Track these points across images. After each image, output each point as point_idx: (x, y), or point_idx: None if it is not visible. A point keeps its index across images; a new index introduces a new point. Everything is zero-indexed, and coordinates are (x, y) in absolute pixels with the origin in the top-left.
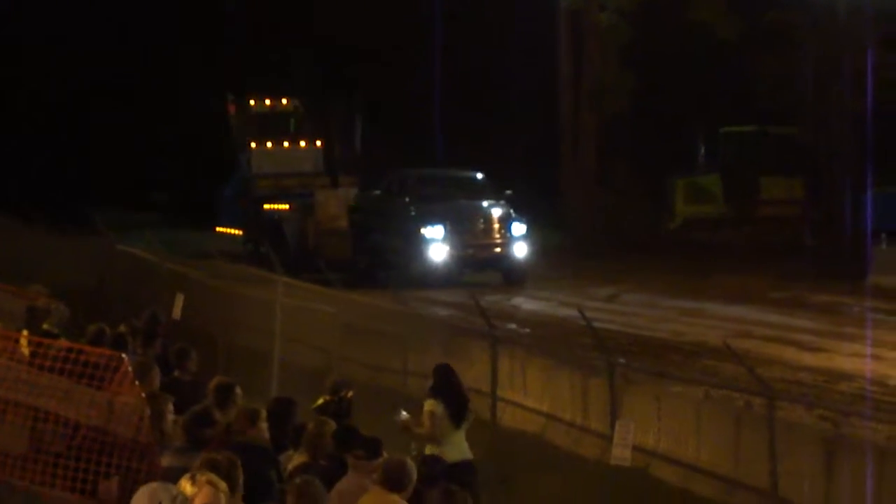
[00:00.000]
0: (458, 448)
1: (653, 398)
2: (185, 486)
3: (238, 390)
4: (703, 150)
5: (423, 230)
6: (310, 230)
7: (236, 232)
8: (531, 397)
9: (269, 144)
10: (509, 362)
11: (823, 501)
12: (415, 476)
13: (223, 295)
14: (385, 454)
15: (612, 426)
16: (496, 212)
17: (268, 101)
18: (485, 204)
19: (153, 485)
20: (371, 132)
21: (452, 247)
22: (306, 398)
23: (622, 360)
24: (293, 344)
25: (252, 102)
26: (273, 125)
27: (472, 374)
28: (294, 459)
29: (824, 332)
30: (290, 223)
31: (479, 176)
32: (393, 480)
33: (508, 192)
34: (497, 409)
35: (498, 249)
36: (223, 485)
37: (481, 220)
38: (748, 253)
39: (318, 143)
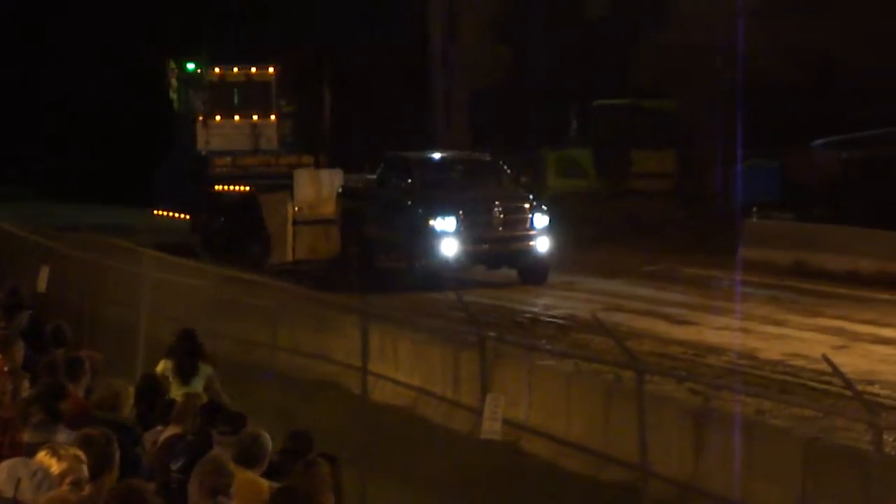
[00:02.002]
0: None
1: (523, 372)
2: (45, 459)
3: (87, 364)
4: (575, 124)
5: (431, 222)
6: (284, 217)
7: (180, 216)
8: (402, 371)
9: (218, 118)
10: (380, 337)
11: (692, 474)
12: (269, 449)
13: (90, 267)
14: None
15: (483, 400)
16: (515, 200)
17: (217, 70)
18: (502, 191)
19: (12, 460)
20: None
21: (465, 241)
22: None
23: (493, 334)
24: (160, 318)
25: (199, 70)
26: (226, 96)
27: (344, 349)
28: (164, 434)
29: (695, 305)
30: (267, 208)
31: (489, 158)
32: (245, 455)
33: (523, 179)
34: (368, 384)
35: (518, 244)
36: (84, 457)
37: (499, 210)
38: (620, 227)
39: (273, 117)
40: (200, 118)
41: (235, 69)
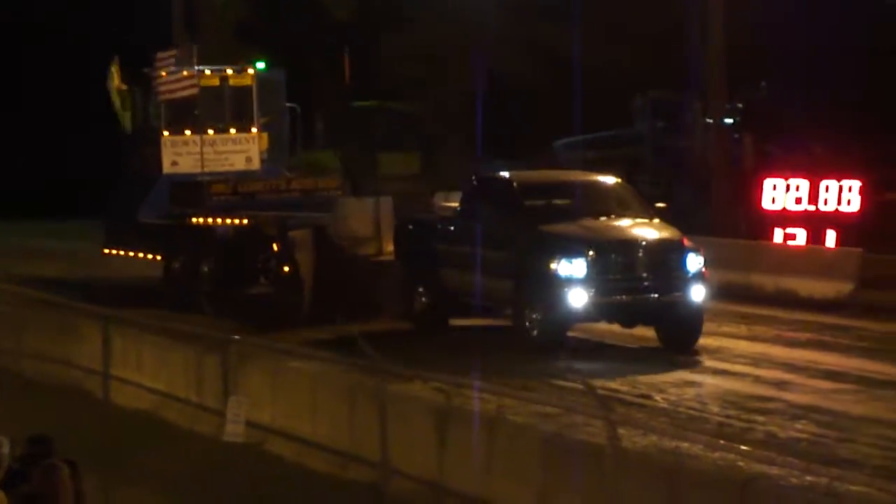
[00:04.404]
0: None
1: (268, 374)
2: None
3: None
4: (321, 126)
5: (553, 265)
6: (321, 258)
7: (144, 256)
8: (146, 375)
9: (188, 133)
10: (122, 341)
11: (436, 470)
12: (5, 455)
13: None
14: None
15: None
16: (663, 237)
17: (185, 73)
18: (643, 226)
19: None
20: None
21: (598, 291)
22: None
23: (237, 336)
24: None
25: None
26: (202, 106)
27: (86, 353)
28: None
29: None
30: (301, 249)
31: (616, 181)
32: None
33: (661, 204)
34: (111, 388)
35: (665, 295)
36: None
37: (641, 251)
38: None
39: (254, 130)
40: (165, 134)
41: (208, 72)
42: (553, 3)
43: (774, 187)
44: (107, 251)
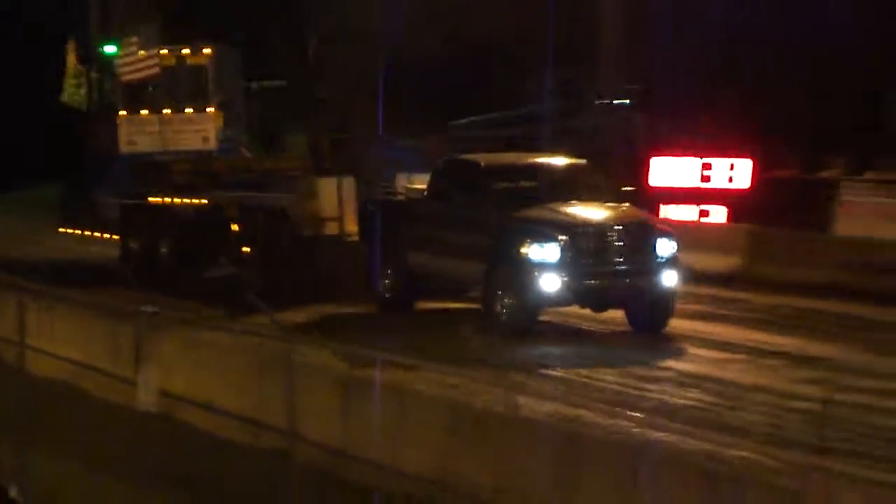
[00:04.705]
0: None
1: (181, 344)
2: None
3: None
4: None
5: (524, 249)
6: (283, 239)
7: (97, 235)
8: (61, 345)
9: (145, 112)
10: (37, 313)
11: (340, 436)
12: None
13: None
14: None
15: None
16: (633, 221)
17: (142, 52)
18: (614, 210)
19: None
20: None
21: (570, 275)
22: None
23: (150, 308)
24: None
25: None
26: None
27: (1, 324)
28: None
29: None
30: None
31: (584, 162)
32: None
33: (629, 188)
34: (26, 358)
35: (637, 279)
36: None
37: (612, 235)
38: None
39: (211, 109)
40: (122, 113)
41: (164, 51)
42: None
43: (663, 165)
44: (62, 230)
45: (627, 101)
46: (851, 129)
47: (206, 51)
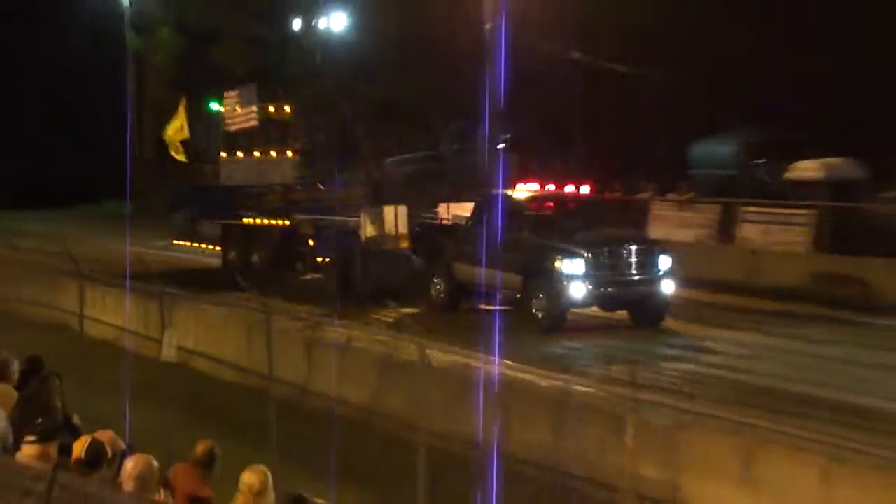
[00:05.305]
0: None
1: (192, 313)
2: None
3: None
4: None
5: (557, 264)
6: (351, 252)
7: (205, 247)
8: (109, 315)
9: (240, 154)
10: (92, 292)
11: (306, 380)
12: (16, 369)
13: None
14: None
15: (163, 334)
16: (640, 242)
17: (238, 108)
18: (624, 233)
19: None
20: None
21: (593, 284)
22: None
23: (171, 290)
24: None
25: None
26: (248, 134)
27: (67, 302)
28: None
29: None
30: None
31: (586, 193)
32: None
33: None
34: (85, 325)
35: (643, 287)
36: None
37: (625, 252)
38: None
39: (290, 153)
40: (223, 155)
41: (259, 107)
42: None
43: (525, 188)
44: (175, 242)
45: (504, 145)
46: (656, 165)
47: (287, 108)
